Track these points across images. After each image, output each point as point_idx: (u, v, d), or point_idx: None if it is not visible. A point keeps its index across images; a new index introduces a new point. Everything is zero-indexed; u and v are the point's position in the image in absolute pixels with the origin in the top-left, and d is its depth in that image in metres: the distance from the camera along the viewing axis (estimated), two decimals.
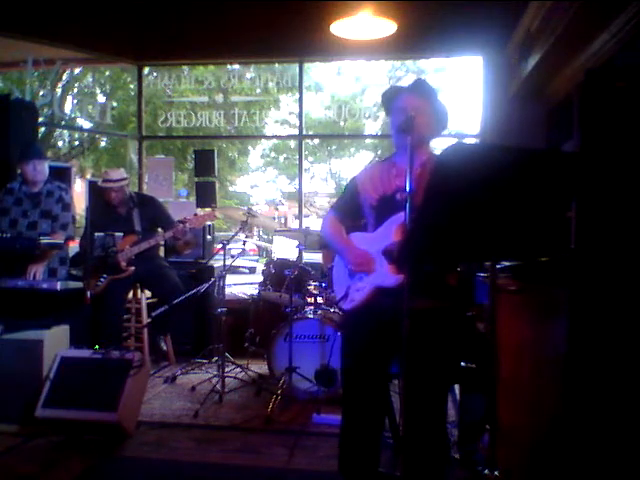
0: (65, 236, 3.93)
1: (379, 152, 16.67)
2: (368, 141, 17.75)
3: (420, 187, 1.80)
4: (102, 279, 4.08)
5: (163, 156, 11.71)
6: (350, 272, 2.10)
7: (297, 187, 7.15)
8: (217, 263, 4.97)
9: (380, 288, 1.97)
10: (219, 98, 8.04)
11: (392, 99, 2.07)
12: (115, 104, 13.12)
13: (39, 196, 3.97)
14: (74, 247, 4.32)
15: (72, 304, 3.54)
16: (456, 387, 3.07)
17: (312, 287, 4.04)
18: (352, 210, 2.18)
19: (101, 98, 13.78)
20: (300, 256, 4.08)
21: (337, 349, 3.49)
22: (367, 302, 2.01)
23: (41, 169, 3.97)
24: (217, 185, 5.74)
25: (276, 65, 7.61)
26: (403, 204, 1.95)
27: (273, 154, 20.27)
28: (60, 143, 15.22)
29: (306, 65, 6.35)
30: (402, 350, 1.72)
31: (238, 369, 4.14)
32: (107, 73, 13.64)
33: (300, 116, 6.28)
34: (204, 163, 5.70)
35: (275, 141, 18.94)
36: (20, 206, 3.95)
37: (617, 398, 1.78)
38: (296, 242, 4.19)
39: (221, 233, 13.28)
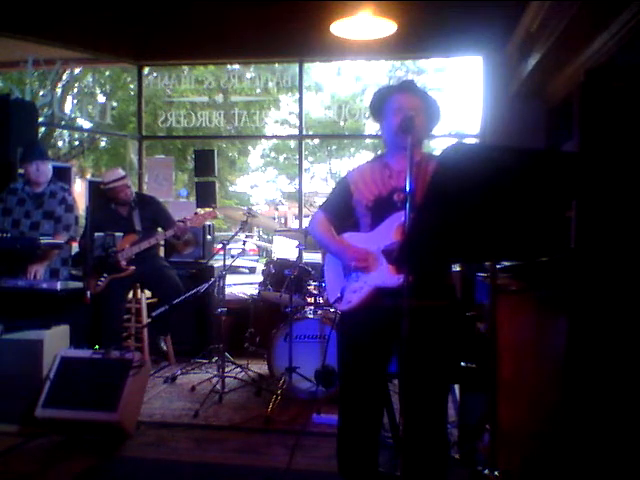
0: (67, 237, 3.94)
1: (379, 152, 16.66)
2: (368, 141, 17.74)
3: (417, 187, 1.80)
4: (102, 279, 4.08)
5: (163, 156, 11.71)
6: (345, 272, 2.08)
7: (297, 187, 7.15)
8: (217, 263, 4.97)
9: (381, 288, 1.96)
10: (219, 98, 8.05)
11: (385, 100, 2.05)
12: (115, 104, 13.15)
13: (42, 197, 3.97)
14: (74, 247, 4.32)
15: (72, 304, 3.53)
16: (456, 387, 3.07)
17: (312, 287, 4.03)
18: (343, 210, 2.16)
19: (101, 98, 13.80)
20: (300, 256, 4.08)
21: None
22: (366, 303, 1.99)
23: (44, 170, 3.98)
24: (217, 185, 5.74)
25: (276, 65, 7.61)
26: (400, 204, 1.96)
27: (273, 154, 20.32)
28: (60, 143, 15.25)
29: (306, 65, 6.34)
30: (402, 349, 1.71)
31: (238, 369, 4.14)
32: (107, 73, 13.67)
33: (300, 116, 6.28)
34: (204, 163, 5.71)
35: (275, 141, 18.99)
36: (23, 206, 3.95)
37: (617, 398, 1.78)
38: (296, 242, 4.19)
39: (221, 233, 13.30)
